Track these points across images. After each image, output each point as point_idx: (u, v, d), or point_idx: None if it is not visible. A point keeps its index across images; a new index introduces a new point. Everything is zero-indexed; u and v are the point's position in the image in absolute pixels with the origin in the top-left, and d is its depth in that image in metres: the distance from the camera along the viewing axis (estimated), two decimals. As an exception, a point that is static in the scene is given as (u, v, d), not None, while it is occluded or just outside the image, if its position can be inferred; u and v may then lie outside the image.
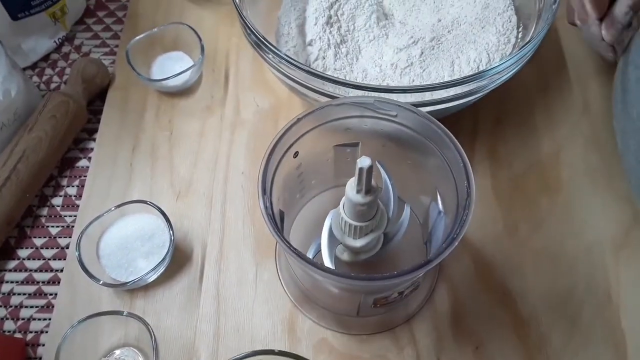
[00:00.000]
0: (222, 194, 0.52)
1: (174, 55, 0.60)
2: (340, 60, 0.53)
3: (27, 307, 0.48)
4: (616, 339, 0.45)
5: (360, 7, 0.56)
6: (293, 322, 0.46)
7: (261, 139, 0.55)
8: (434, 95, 0.44)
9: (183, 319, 0.46)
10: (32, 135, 0.52)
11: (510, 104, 0.57)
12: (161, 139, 0.56)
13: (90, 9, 0.67)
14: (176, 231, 0.49)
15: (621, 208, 0.51)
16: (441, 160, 0.40)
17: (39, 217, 0.53)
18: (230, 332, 0.46)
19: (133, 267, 0.47)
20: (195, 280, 0.48)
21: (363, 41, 0.55)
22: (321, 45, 0.53)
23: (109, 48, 0.64)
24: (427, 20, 0.56)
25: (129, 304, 0.47)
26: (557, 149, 0.54)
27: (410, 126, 0.42)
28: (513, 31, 0.54)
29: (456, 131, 0.39)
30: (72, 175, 0.55)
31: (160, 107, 0.58)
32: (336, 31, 0.54)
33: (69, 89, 0.56)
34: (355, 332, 0.46)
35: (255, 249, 0.50)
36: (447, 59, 0.52)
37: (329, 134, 0.44)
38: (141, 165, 0.54)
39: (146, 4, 0.65)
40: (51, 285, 0.49)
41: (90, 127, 0.58)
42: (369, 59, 0.54)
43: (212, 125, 0.56)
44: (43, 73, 0.62)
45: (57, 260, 0.50)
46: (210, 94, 0.59)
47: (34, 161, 0.51)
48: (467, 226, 0.35)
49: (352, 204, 0.39)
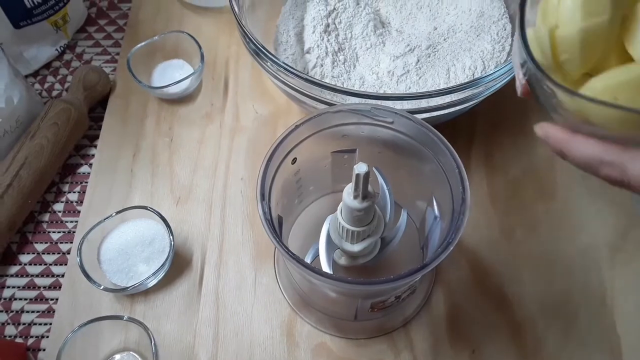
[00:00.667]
0: (221, 200, 0.53)
1: (174, 63, 0.61)
2: (337, 67, 0.54)
3: (29, 312, 0.49)
4: (611, 343, 0.46)
5: (357, 16, 0.57)
6: (291, 327, 0.47)
7: (260, 146, 0.56)
8: (430, 102, 0.45)
9: (183, 324, 0.47)
10: (34, 142, 0.52)
11: (506, 110, 0.58)
12: (161, 146, 0.56)
13: (91, 17, 0.68)
14: (176, 236, 0.49)
15: (616, 213, 0.51)
16: (437, 166, 0.41)
17: (41, 222, 0.53)
18: (229, 337, 0.46)
19: (133, 272, 0.47)
20: (194, 285, 0.49)
21: (360, 49, 0.56)
22: (319, 53, 0.54)
23: (110, 56, 0.64)
24: (424, 29, 0.57)
25: (129, 308, 0.47)
26: (553, 155, 0.55)
27: (406, 133, 0.42)
28: (508, 39, 0.55)
29: (452, 137, 0.39)
30: (74, 181, 0.56)
31: (160, 114, 0.59)
32: (334, 39, 0.55)
33: (70, 97, 0.57)
34: (353, 336, 0.47)
35: (254, 254, 0.50)
36: (442, 66, 0.53)
37: (326, 141, 0.44)
38: (142, 172, 0.55)
39: (147, 12, 0.66)
40: (52, 290, 0.50)
41: (91, 134, 0.59)
42: (366, 66, 0.55)
43: (212, 132, 0.57)
44: (45, 80, 0.63)
45: (58, 265, 0.51)
46: (210, 101, 0.59)
47: (35, 168, 0.51)
48: (462, 231, 0.36)
49: (349, 209, 0.39)
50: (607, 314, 0.47)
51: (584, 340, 0.46)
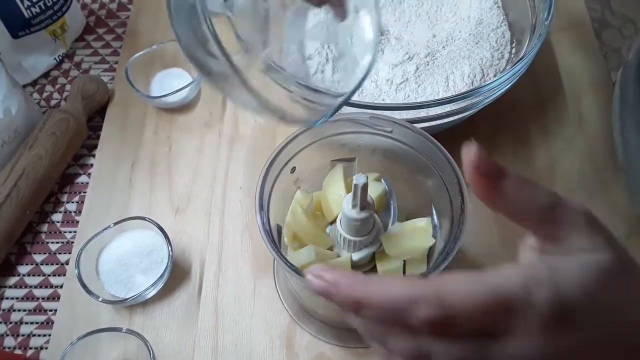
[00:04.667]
0: (220, 209, 0.53)
1: (173, 72, 0.61)
2: (337, 75, 0.54)
3: (27, 324, 0.49)
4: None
5: (356, 24, 0.57)
6: (291, 337, 0.46)
7: (259, 154, 0.56)
8: (429, 111, 0.45)
9: (182, 335, 0.47)
10: (32, 152, 0.52)
11: (505, 118, 0.57)
12: (160, 155, 0.56)
13: (90, 26, 0.68)
14: (175, 246, 0.49)
15: (616, 221, 0.51)
16: (436, 175, 0.41)
17: (39, 233, 0.53)
18: (228, 347, 0.46)
19: (132, 284, 0.47)
20: (193, 296, 0.48)
21: (359, 57, 0.55)
22: (320, 60, 0.54)
23: (109, 64, 0.64)
24: (422, 36, 0.57)
25: (127, 319, 0.47)
26: (552, 163, 0.55)
27: (405, 142, 0.42)
28: (507, 46, 0.55)
29: (451, 145, 0.39)
30: (72, 191, 0.56)
31: (159, 123, 0.58)
32: (334, 46, 0.55)
33: (69, 106, 0.57)
34: (353, 345, 0.46)
35: (253, 264, 0.50)
36: (441, 74, 0.53)
37: (325, 150, 0.44)
38: (140, 181, 0.55)
39: (145, 21, 0.66)
40: (51, 302, 0.50)
41: (90, 143, 0.58)
42: (365, 74, 0.54)
43: (211, 141, 0.57)
44: (43, 90, 0.63)
45: (57, 276, 0.51)
46: (208, 110, 0.59)
47: (34, 178, 0.51)
48: (461, 241, 0.36)
49: (347, 219, 0.39)
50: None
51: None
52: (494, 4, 0.57)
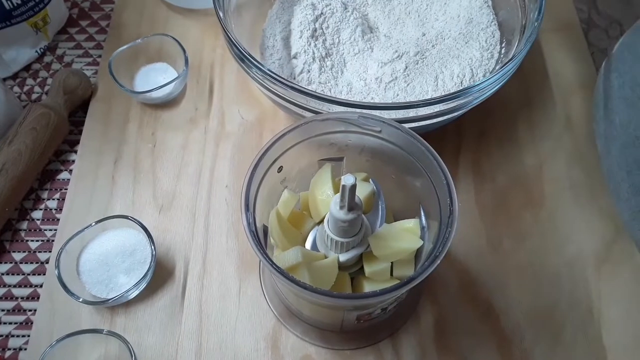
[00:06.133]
0: (205, 208, 0.52)
1: (157, 67, 0.59)
2: (325, 73, 0.53)
3: (6, 324, 0.47)
4: (598, 355, 0.45)
5: (345, 21, 0.56)
6: (276, 339, 0.46)
7: (246, 152, 0.55)
8: (418, 112, 0.45)
9: (165, 337, 0.46)
10: (12, 148, 0.51)
11: (493, 118, 0.57)
12: (144, 152, 0.55)
13: (72, 18, 0.66)
14: (158, 246, 0.48)
15: (603, 223, 0.51)
16: (424, 176, 0.40)
17: (19, 231, 0.52)
18: (212, 350, 0.45)
19: (114, 284, 0.46)
20: (177, 297, 0.48)
21: (348, 54, 0.55)
22: (306, 58, 0.53)
23: (92, 58, 0.63)
24: (412, 34, 0.57)
25: (109, 320, 0.46)
26: (540, 163, 0.55)
27: (394, 142, 0.42)
28: (496, 46, 0.55)
29: (440, 145, 0.39)
30: (53, 187, 0.54)
31: (143, 119, 0.57)
32: (321, 44, 0.54)
33: (50, 101, 0.55)
34: (339, 347, 0.46)
35: (239, 264, 0.49)
36: (431, 73, 0.53)
37: (313, 149, 0.44)
38: (123, 178, 0.53)
39: (130, 14, 0.65)
40: (30, 301, 0.48)
41: (71, 139, 0.57)
42: (353, 72, 0.54)
43: (196, 138, 0.56)
44: (24, 83, 0.61)
45: (36, 275, 0.50)
46: (194, 106, 0.58)
47: (13, 175, 0.50)
48: (449, 244, 0.35)
49: (335, 219, 0.38)
50: (594, 325, 0.47)
51: (570, 352, 0.46)
52: (484, 3, 0.57)
